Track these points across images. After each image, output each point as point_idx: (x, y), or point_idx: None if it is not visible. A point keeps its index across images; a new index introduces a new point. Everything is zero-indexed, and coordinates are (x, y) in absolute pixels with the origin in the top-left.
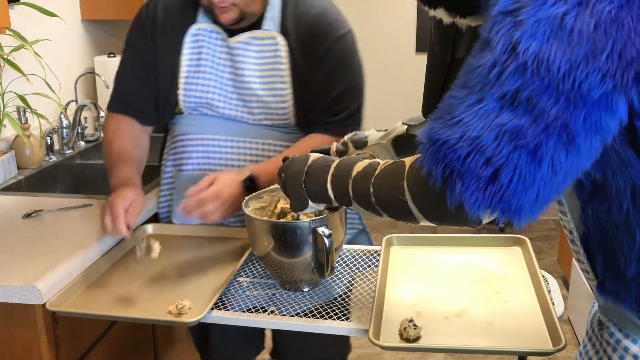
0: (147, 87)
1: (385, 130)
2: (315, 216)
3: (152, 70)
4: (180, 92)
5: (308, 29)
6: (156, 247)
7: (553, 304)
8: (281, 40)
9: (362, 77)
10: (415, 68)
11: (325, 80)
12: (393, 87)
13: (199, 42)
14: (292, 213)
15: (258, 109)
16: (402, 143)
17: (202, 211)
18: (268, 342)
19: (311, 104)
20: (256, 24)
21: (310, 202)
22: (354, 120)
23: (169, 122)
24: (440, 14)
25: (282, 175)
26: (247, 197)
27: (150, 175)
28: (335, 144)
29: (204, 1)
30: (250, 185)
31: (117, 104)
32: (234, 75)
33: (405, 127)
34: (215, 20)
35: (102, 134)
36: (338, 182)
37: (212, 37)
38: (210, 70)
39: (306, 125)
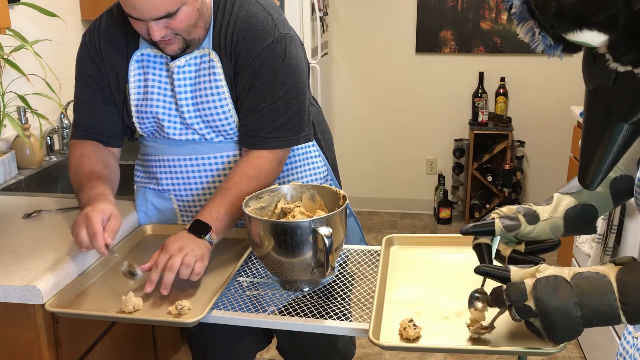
0: (107, 113)
1: (548, 202)
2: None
3: (108, 96)
4: (135, 120)
5: (234, 40)
6: (137, 271)
7: None
8: (214, 56)
9: (296, 84)
10: (415, 68)
11: (253, 92)
12: (393, 87)
13: (144, 68)
14: (292, 213)
15: (206, 128)
16: (574, 217)
17: (169, 269)
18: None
19: (245, 116)
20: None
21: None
22: (286, 132)
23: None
24: None
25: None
26: (247, 197)
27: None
28: (498, 219)
29: (145, 38)
30: (200, 226)
31: (80, 133)
32: (175, 100)
33: (573, 199)
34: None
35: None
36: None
37: (157, 62)
38: (157, 97)
39: (246, 137)
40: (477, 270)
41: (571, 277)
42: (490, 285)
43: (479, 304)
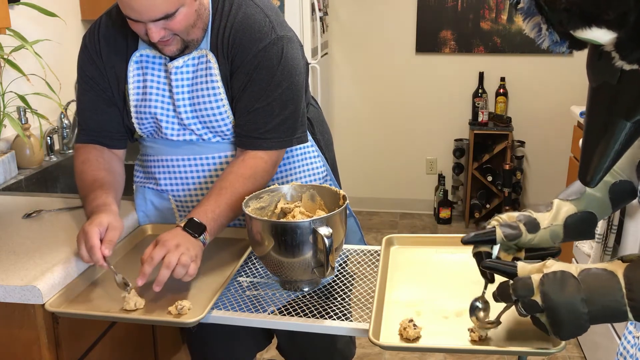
0: (109, 115)
1: (548, 209)
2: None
3: (109, 97)
4: (134, 120)
5: (230, 41)
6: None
7: None
8: (212, 57)
9: (292, 86)
10: (415, 68)
11: (248, 92)
12: (393, 87)
13: (143, 68)
14: (292, 213)
15: (203, 129)
16: (573, 225)
17: (166, 266)
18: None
19: (240, 116)
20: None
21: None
22: (280, 133)
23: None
24: None
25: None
26: (247, 197)
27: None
28: (499, 228)
29: (143, 39)
30: (195, 225)
31: (83, 136)
32: (173, 100)
33: (573, 207)
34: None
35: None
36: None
37: (156, 63)
38: (156, 97)
39: (241, 138)
40: (484, 265)
41: (578, 273)
42: (491, 292)
43: (481, 314)
